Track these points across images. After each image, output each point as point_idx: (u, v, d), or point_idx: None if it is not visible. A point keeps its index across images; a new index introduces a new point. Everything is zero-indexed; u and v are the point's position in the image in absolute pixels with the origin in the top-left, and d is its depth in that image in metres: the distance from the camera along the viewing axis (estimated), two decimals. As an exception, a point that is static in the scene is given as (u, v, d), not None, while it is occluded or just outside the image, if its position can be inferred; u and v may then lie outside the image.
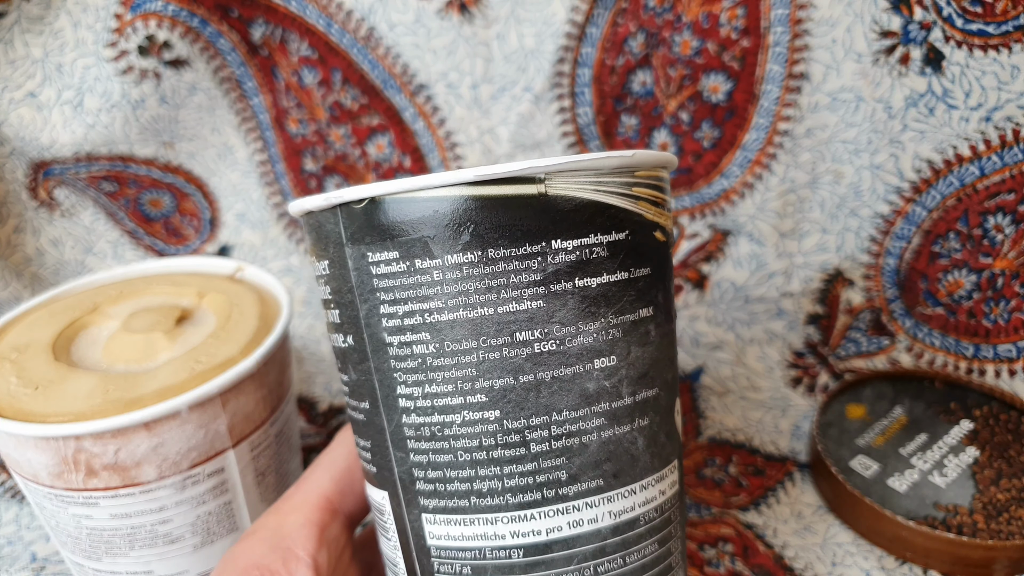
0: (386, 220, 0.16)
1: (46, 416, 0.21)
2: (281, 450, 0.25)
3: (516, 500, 0.17)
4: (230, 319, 0.25)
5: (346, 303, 0.18)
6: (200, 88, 0.39)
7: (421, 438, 0.17)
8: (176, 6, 0.37)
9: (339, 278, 0.18)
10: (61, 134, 0.39)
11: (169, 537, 0.23)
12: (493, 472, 0.17)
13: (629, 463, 0.18)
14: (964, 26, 0.33)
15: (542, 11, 0.37)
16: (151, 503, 0.22)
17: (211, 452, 0.22)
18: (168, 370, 0.22)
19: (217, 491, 0.23)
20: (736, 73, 0.36)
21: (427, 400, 0.17)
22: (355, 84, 0.39)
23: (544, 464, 0.17)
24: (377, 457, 0.18)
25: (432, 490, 0.17)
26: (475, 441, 0.17)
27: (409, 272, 0.16)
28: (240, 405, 0.23)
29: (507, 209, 0.16)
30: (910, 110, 0.35)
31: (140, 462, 0.21)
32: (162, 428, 0.21)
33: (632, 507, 0.18)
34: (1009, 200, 0.36)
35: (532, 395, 0.16)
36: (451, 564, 0.18)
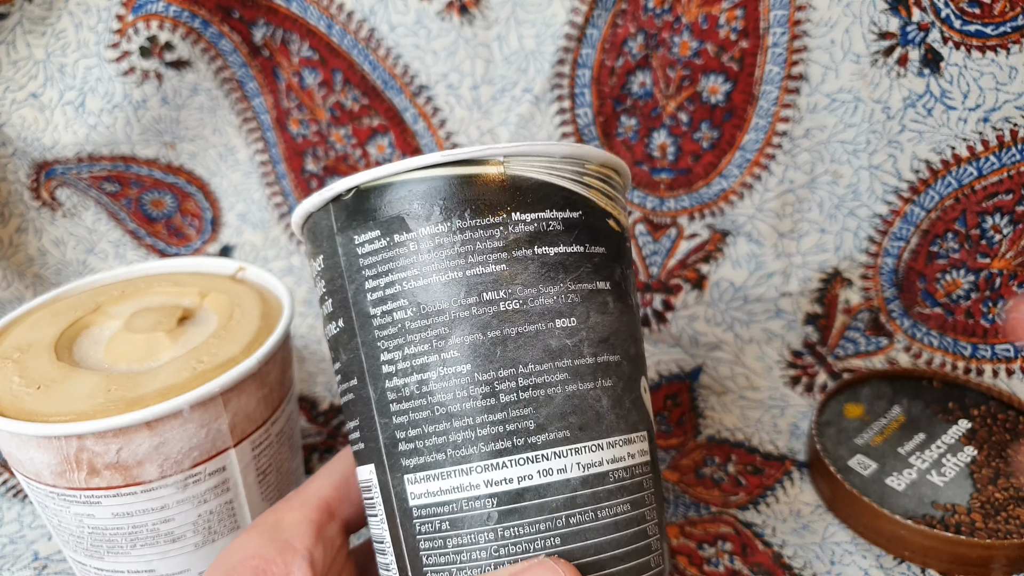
0: (369, 205, 0.18)
1: (48, 415, 0.21)
2: (282, 449, 0.25)
3: (488, 448, 0.18)
4: (232, 319, 0.25)
5: (337, 289, 0.19)
6: (202, 89, 0.40)
7: (402, 399, 0.18)
8: (178, 7, 0.37)
9: (331, 268, 0.19)
10: (63, 135, 0.39)
11: (171, 536, 0.23)
12: (466, 423, 0.18)
13: (594, 419, 0.19)
14: (962, 27, 0.33)
15: (542, 12, 0.37)
16: (153, 502, 0.22)
17: (213, 451, 0.22)
18: (170, 369, 0.22)
19: (219, 490, 0.23)
20: (735, 74, 0.37)
21: (406, 361, 0.18)
22: (356, 85, 0.40)
23: (513, 414, 0.18)
24: (364, 431, 0.19)
25: (412, 448, 0.18)
26: (449, 394, 0.18)
27: (389, 247, 0.18)
28: (242, 404, 0.23)
29: (472, 186, 0.18)
30: (908, 111, 0.35)
31: (142, 461, 0.21)
32: (164, 427, 0.21)
33: (600, 461, 0.18)
34: (1007, 200, 0.36)
35: (499, 349, 0.18)
36: (431, 522, 0.18)
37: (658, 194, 0.40)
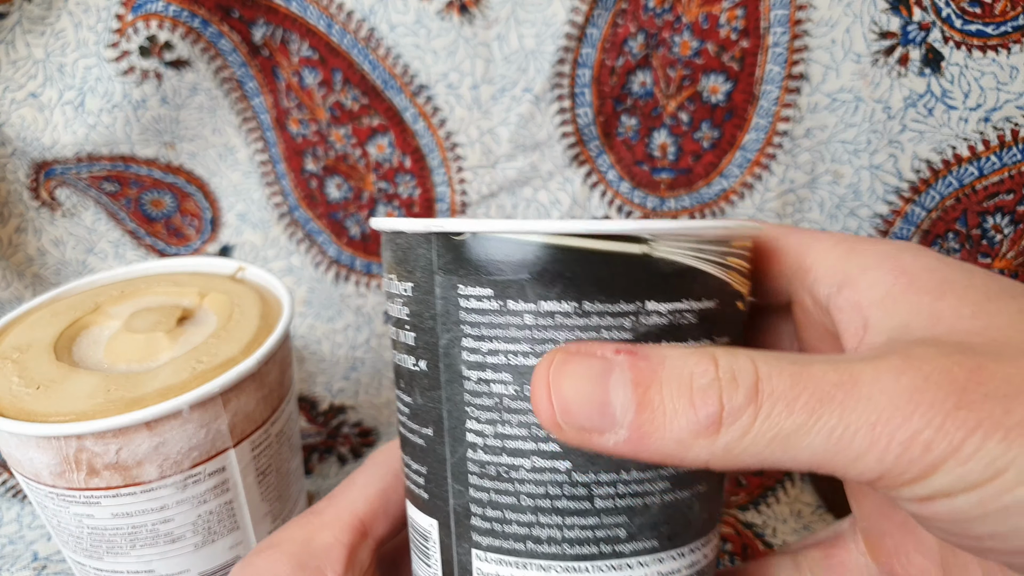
0: (484, 257, 0.16)
1: (48, 415, 0.21)
2: (282, 449, 0.25)
3: (573, 551, 0.17)
4: (231, 319, 0.25)
5: (425, 328, 0.18)
6: (201, 89, 0.40)
7: (485, 476, 0.17)
8: (177, 7, 0.37)
9: (422, 303, 0.18)
10: (62, 134, 0.39)
11: (170, 536, 0.23)
12: (555, 521, 0.17)
13: (683, 527, 0.18)
14: (963, 27, 0.33)
15: (542, 12, 0.37)
16: (152, 502, 0.22)
17: (212, 451, 0.22)
18: (169, 370, 0.22)
19: (218, 490, 0.23)
20: (735, 74, 0.36)
21: (498, 440, 0.17)
22: (356, 85, 0.39)
23: (606, 520, 0.17)
24: (432, 485, 0.18)
25: (488, 528, 0.17)
26: (541, 488, 0.17)
27: (501, 312, 0.16)
28: (241, 405, 0.23)
29: (609, 264, 0.16)
30: (909, 110, 0.35)
31: (141, 461, 0.21)
32: (163, 427, 0.21)
33: (679, 569, 0.18)
34: (1008, 200, 0.36)
35: (606, 458, 0.17)
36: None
37: (658, 194, 0.40)
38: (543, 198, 0.41)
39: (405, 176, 0.42)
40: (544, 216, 0.41)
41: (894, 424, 0.12)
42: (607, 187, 0.40)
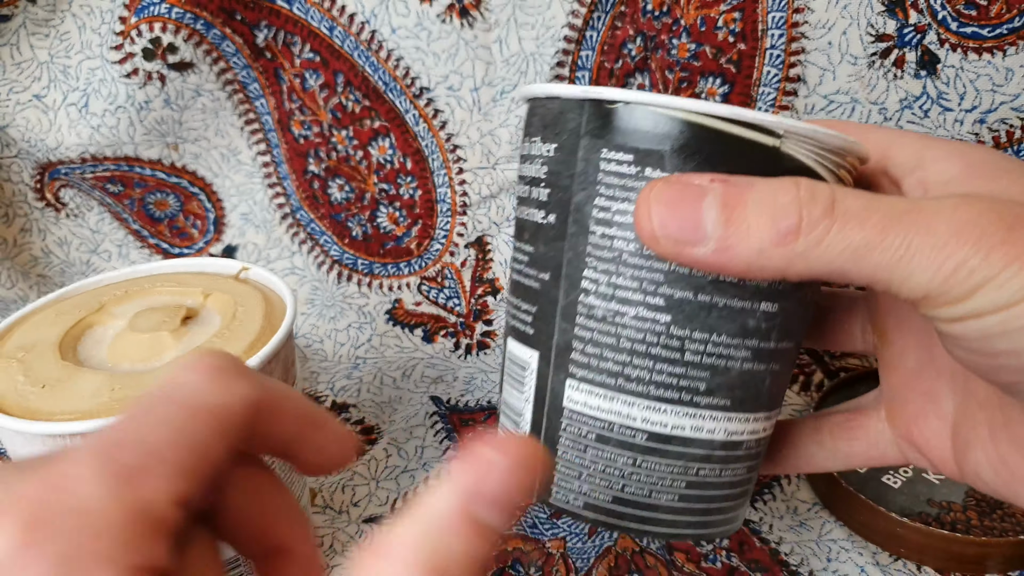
0: (631, 126, 0.18)
1: (53, 414, 0.21)
2: None
3: (657, 393, 0.19)
4: (235, 319, 0.25)
5: (561, 186, 0.19)
6: (205, 91, 0.40)
7: (592, 318, 0.19)
8: (180, 10, 0.37)
9: (563, 163, 0.19)
10: (67, 136, 0.39)
11: None
12: (646, 364, 0.19)
13: (754, 395, 0.20)
14: (958, 29, 0.34)
15: (542, 15, 0.37)
16: None
17: None
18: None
19: None
20: (733, 76, 0.37)
21: (610, 288, 0.19)
22: (357, 87, 0.40)
23: (691, 372, 0.19)
24: (539, 322, 0.21)
25: (585, 363, 0.20)
26: (640, 335, 0.19)
27: (637, 176, 0.18)
28: None
29: (743, 150, 0.17)
30: (905, 112, 0.35)
31: None
32: None
33: (743, 432, 0.21)
34: (1003, 201, 0.36)
35: (703, 313, 0.19)
36: (579, 427, 0.20)
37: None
38: (543, 199, 0.41)
39: (406, 177, 0.42)
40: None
41: (948, 250, 0.14)
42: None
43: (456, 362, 0.43)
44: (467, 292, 0.44)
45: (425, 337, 0.44)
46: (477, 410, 0.40)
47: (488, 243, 0.43)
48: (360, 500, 0.33)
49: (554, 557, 0.30)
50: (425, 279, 0.44)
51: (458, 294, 0.44)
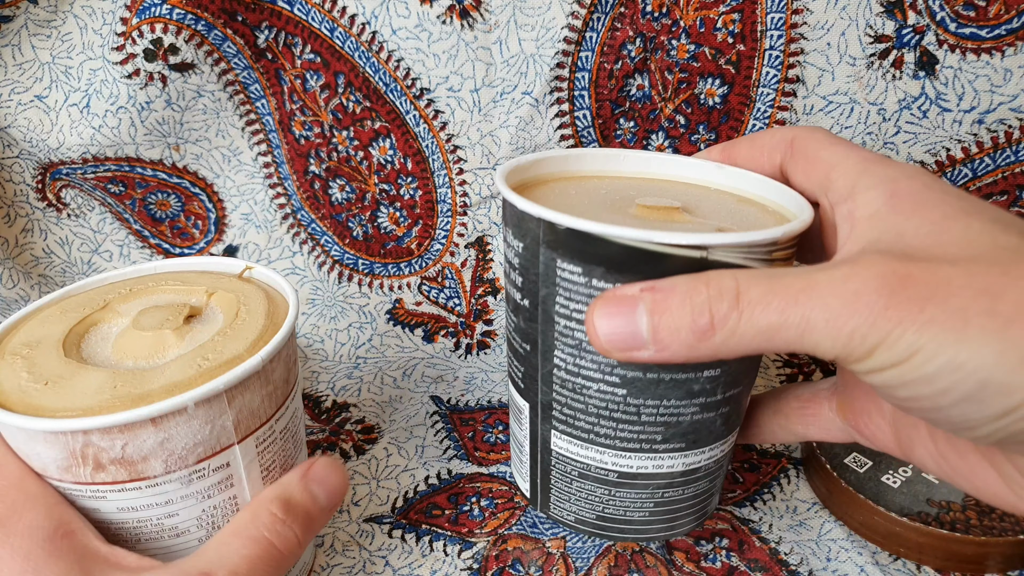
0: (577, 245, 0.21)
1: (55, 411, 0.21)
2: (287, 445, 0.26)
3: (622, 445, 0.24)
4: (237, 317, 0.25)
5: (530, 277, 0.23)
6: (206, 91, 0.40)
7: (564, 387, 0.24)
8: (182, 10, 0.37)
9: (529, 260, 0.23)
10: (68, 136, 0.40)
11: (175, 531, 0.23)
12: (610, 426, 0.23)
13: (707, 434, 0.24)
14: (957, 30, 0.34)
15: (542, 16, 0.37)
16: (157, 497, 0.22)
17: (217, 447, 0.23)
18: (175, 367, 0.23)
19: (223, 485, 0.23)
20: (732, 77, 0.37)
21: (575, 368, 0.23)
22: (358, 88, 0.40)
23: (648, 429, 0.23)
24: (527, 381, 0.25)
25: (563, 419, 0.24)
26: (603, 404, 0.23)
27: (587, 284, 0.21)
28: (246, 401, 0.23)
29: (673, 262, 0.20)
30: (903, 113, 0.36)
31: (147, 456, 0.22)
32: (168, 423, 0.21)
33: (700, 461, 0.25)
34: (1001, 202, 0.36)
35: (653, 386, 0.22)
36: (565, 466, 0.25)
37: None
38: (543, 199, 0.41)
39: (407, 178, 0.42)
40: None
41: (841, 321, 0.16)
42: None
43: (456, 362, 0.43)
44: (467, 292, 0.44)
45: (425, 337, 0.44)
46: (477, 409, 0.40)
47: (488, 243, 0.43)
48: (361, 499, 0.33)
49: (554, 556, 0.30)
50: (426, 279, 0.44)
51: (458, 294, 0.44)
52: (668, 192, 0.27)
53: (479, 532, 0.32)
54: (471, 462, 0.36)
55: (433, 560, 0.30)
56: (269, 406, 0.24)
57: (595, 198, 0.26)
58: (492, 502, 0.33)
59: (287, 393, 0.25)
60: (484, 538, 0.31)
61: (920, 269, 0.16)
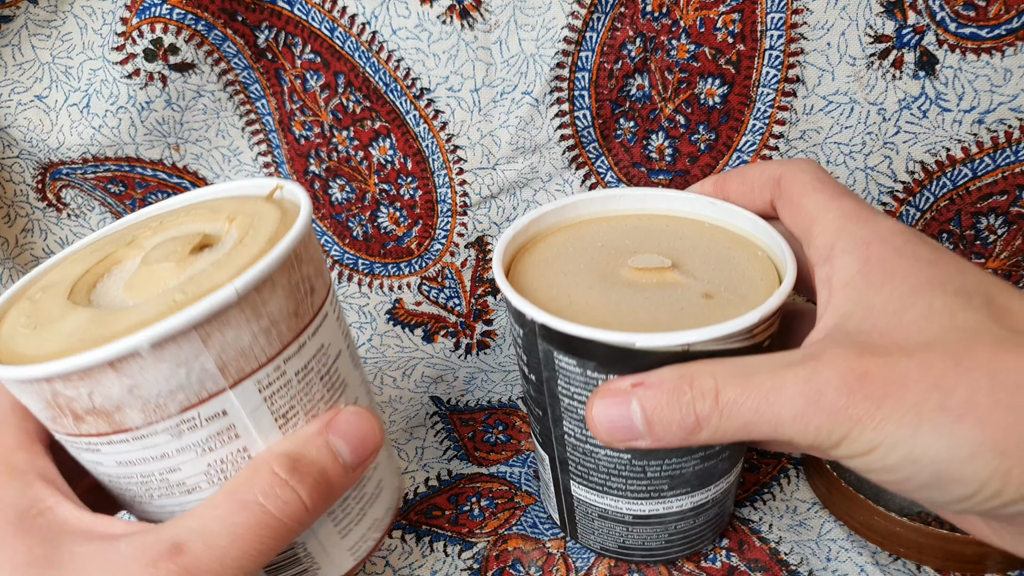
0: (569, 343, 0.23)
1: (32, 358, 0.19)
2: (312, 389, 0.22)
3: (632, 496, 0.26)
4: (241, 243, 0.22)
5: (532, 360, 0.25)
6: (206, 91, 0.40)
7: (576, 450, 0.26)
8: (182, 10, 0.37)
9: (531, 346, 0.25)
10: (68, 136, 0.40)
11: (184, 487, 0.21)
12: (620, 481, 0.26)
13: (710, 477, 0.26)
14: (957, 30, 0.34)
15: (542, 16, 0.37)
16: (149, 450, 0.20)
17: (203, 394, 0.19)
18: (150, 305, 0.20)
19: (224, 437, 0.20)
20: (732, 77, 0.37)
21: (583, 436, 0.25)
22: (358, 88, 0.40)
23: (654, 483, 0.26)
24: (544, 438, 0.28)
25: (578, 473, 0.27)
26: (612, 465, 0.26)
27: (583, 375, 0.23)
28: (229, 340, 0.19)
29: (657, 356, 0.22)
30: (903, 113, 0.36)
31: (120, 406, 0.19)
32: (129, 368, 0.18)
33: (707, 496, 0.27)
34: (1001, 202, 0.36)
35: (653, 450, 0.24)
36: (586, 508, 0.28)
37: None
38: (542, 199, 0.41)
39: (407, 178, 0.42)
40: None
41: (807, 419, 0.18)
42: (605, 188, 0.41)
43: (456, 362, 0.43)
44: (467, 292, 0.44)
45: (425, 337, 0.44)
46: (477, 410, 0.40)
47: (488, 243, 0.43)
48: (360, 499, 0.33)
49: (554, 557, 0.30)
50: (426, 279, 0.44)
51: (458, 294, 0.44)
52: (662, 237, 0.28)
53: (479, 532, 0.32)
54: (471, 462, 0.36)
55: (433, 560, 0.30)
56: (267, 344, 0.20)
57: (591, 257, 0.27)
58: (492, 502, 0.33)
59: (300, 328, 0.21)
60: (484, 538, 0.31)
61: (878, 365, 0.18)
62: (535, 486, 0.34)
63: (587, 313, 0.24)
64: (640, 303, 0.24)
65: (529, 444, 0.37)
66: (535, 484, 0.34)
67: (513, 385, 0.41)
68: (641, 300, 0.25)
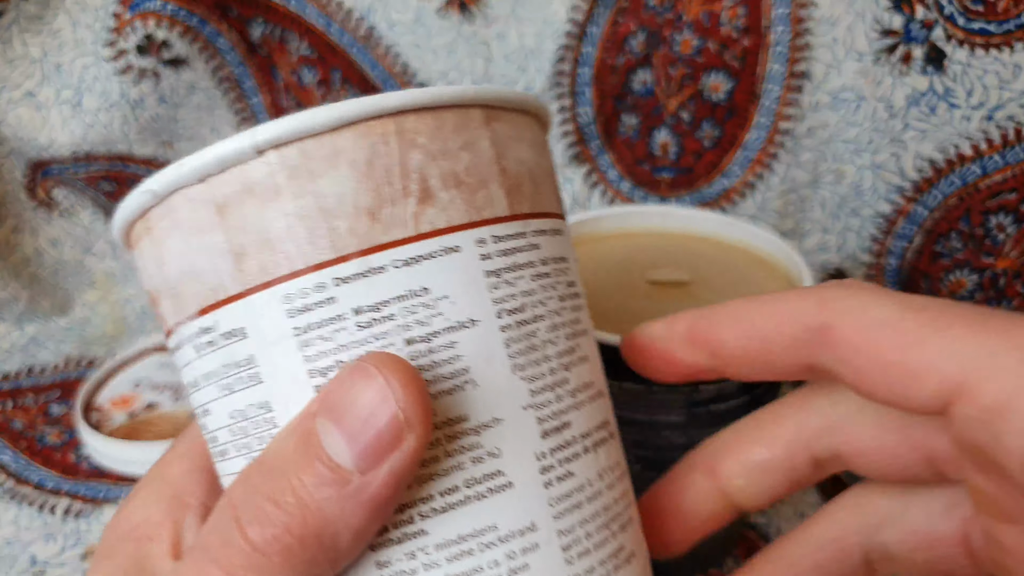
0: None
1: None
2: (388, 351, 0.13)
3: None
4: None
5: None
6: (199, 88, 0.39)
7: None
8: (175, 5, 0.37)
9: None
10: (59, 134, 0.39)
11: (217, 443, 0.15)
12: None
13: None
14: (966, 25, 0.33)
15: (542, 10, 0.37)
16: (184, 369, 0.15)
17: (220, 293, 0.14)
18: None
19: (244, 375, 0.14)
20: (737, 72, 0.36)
21: None
22: (355, 84, 0.39)
23: None
24: None
25: None
26: None
27: None
28: (248, 216, 0.13)
29: None
30: (912, 109, 0.35)
31: (158, 288, 0.15)
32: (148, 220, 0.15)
33: None
34: (1011, 199, 0.36)
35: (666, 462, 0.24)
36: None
37: (659, 193, 0.40)
38: (543, 197, 0.41)
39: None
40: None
41: None
42: (608, 186, 0.40)
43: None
44: (467, 292, 0.44)
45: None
46: (477, 412, 0.39)
47: (488, 242, 0.43)
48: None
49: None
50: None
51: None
52: (680, 254, 0.29)
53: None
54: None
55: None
56: (308, 241, 0.13)
57: (608, 271, 0.27)
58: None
59: (376, 239, 0.13)
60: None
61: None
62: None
63: (603, 321, 0.24)
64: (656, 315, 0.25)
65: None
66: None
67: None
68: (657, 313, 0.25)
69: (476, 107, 0.14)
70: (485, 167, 0.14)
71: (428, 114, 0.13)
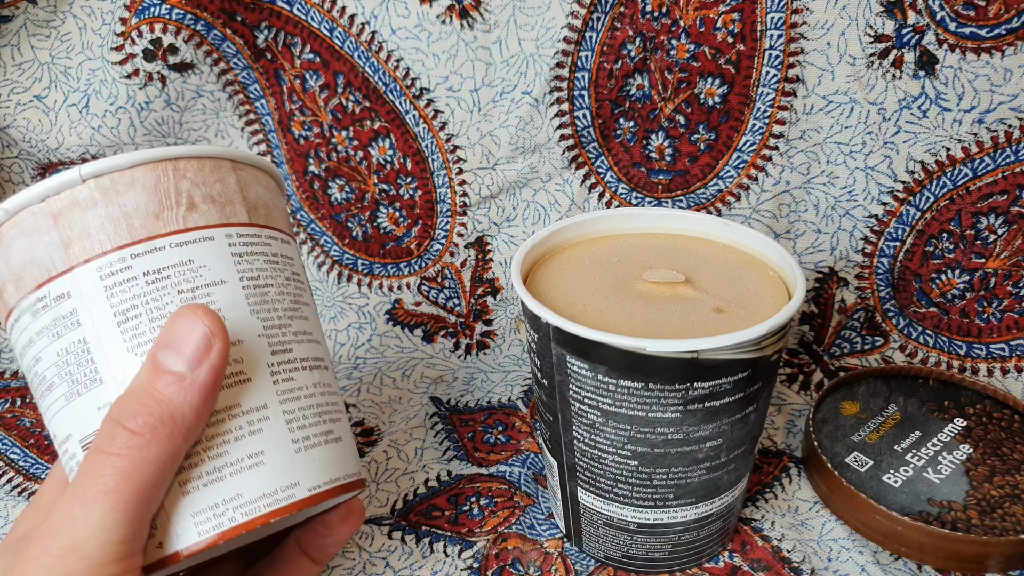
0: (582, 347, 0.23)
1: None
2: (165, 297, 0.20)
3: (638, 504, 0.27)
4: None
5: (546, 366, 0.26)
6: (205, 91, 0.40)
7: (584, 456, 0.27)
8: (181, 11, 0.37)
9: (544, 351, 0.25)
10: (67, 136, 0.40)
11: (45, 382, 0.21)
12: (627, 488, 0.26)
13: (715, 489, 0.27)
14: (957, 29, 0.34)
15: (541, 16, 0.37)
16: (21, 334, 0.21)
17: (52, 270, 0.20)
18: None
19: (68, 322, 0.20)
20: (732, 77, 0.37)
21: (592, 441, 0.26)
22: (358, 88, 0.40)
23: (660, 491, 0.26)
24: (554, 444, 0.28)
25: (586, 479, 0.27)
26: (619, 471, 0.26)
27: (594, 379, 0.24)
28: (75, 219, 0.20)
29: (667, 363, 0.22)
30: (903, 112, 0.36)
31: (4, 281, 0.21)
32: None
33: (711, 509, 0.27)
34: (1001, 201, 0.36)
35: (660, 457, 0.25)
36: (592, 515, 0.28)
37: (655, 196, 0.41)
38: (542, 199, 0.41)
39: (406, 178, 0.42)
40: (543, 216, 0.42)
41: None
42: (605, 189, 0.41)
43: (456, 362, 0.43)
44: (467, 292, 0.44)
45: (425, 337, 0.44)
46: (477, 410, 0.40)
47: (488, 243, 0.43)
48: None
49: (552, 556, 0.30)
50: (425, 279, 0.44)
51: (458, 294, 0.44)
52: (677, 255, 0.30)
53: (479, 531, 0.31)
54: (471, 463, 0.36)
55: (434, 561, 0.30)
56: (114, 232, 0.20)
57: (607, 271, 0.28)
58: (492, 501, 0.33)
59: (157, 231, 0.20)
60: (484, 537, 0.31)
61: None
62: (534, 487, 0.34)
63: (601, 320, 0.25)
64: (653, 314, 0.25)
65: (528, 444, 0.37)
66: (534, 485, 0.34)
67: (512, 385, 0.41)
68: (654, 311, 0.25)
69: (226, 160, 0.22)
70: (232, 193, 0.22)
71: (194, 160, 0.21)
